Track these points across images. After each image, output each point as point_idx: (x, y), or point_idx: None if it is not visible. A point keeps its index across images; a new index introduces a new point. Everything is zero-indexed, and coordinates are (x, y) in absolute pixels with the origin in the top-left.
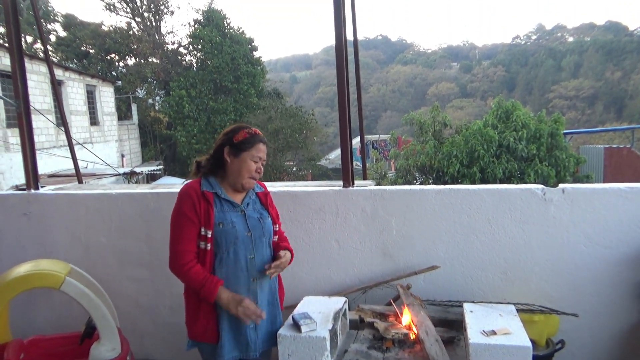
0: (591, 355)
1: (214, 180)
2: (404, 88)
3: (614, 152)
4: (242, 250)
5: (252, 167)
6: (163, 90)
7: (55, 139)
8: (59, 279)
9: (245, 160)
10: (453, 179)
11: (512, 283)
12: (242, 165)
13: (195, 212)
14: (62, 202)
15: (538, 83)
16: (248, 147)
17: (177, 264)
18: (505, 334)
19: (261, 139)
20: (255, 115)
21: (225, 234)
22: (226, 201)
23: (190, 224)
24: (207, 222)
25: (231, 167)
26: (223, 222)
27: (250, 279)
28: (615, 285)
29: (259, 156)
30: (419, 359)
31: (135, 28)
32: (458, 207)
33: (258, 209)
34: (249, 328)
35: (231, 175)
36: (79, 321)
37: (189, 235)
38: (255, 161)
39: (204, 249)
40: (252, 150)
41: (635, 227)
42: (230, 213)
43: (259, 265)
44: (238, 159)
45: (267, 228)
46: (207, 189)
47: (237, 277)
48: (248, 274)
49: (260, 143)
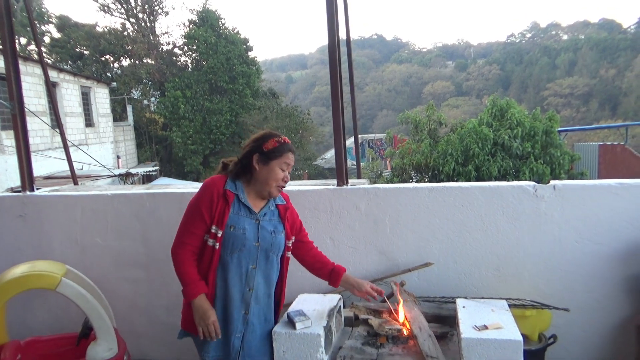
0: (583, 350)
1: (240, 183)
2: (399, 87)
3: (608, 149)
4: (246, 258)
5: (280, 176)
6: (158, 91)
7: (51, 140)
8: (55, 280)
9: (274, 168)
10: (449, 178)
11: (505, 279)
12: (271, 174)
13: (210, 210)
14: (57, 204)
15: (533, 81)
16: (277, 156)
17: (176, 252)
18: (497, 328)
19: (290, 147)
20: (251, 115)
21: (234, 238)
22: (244, 206)
23: (200, 221)
24: (220, 222)
25: (259, 175)
26: (235, 225)
27: (247, 289)
28: (606, 280)
29: (288, 164)
30: (413, 354)
31: (130, 29)
32: (451, 204)
33: (274, 222)
34: (235, 336)
35: (258, 183)
36: (76, 322)
37: (196, 230)
38: (283, 169)
39: (212, 246)
40: (281, 158)
41: (625, 222)
42: (245, 219)
43: (259, 277)
44: (267, 167)
45: (277, 243)
46: (231, 189)
47: (234, 282)
48: (246, 283)
49: (290, 152)
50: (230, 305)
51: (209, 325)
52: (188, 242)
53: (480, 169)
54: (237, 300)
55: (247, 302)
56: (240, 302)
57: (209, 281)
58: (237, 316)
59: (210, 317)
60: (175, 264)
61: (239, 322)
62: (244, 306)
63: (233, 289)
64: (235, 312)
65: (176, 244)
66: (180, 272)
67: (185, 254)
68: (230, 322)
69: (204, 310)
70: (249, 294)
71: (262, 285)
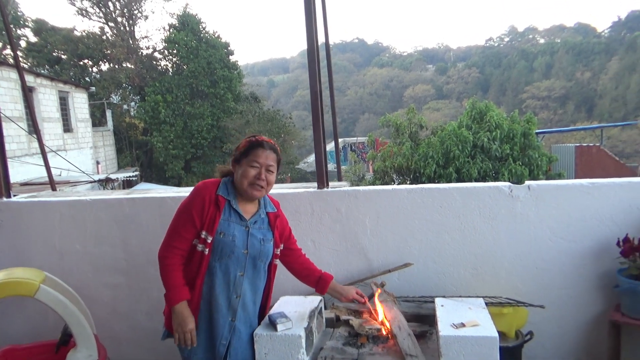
0: (559, 345)
1: (232, 187)
2: (380, 90)
3: (585, 150)
4: (234, 265)
5: (251, 174)
6: (138, 95)
7: (28, 146)
8: (34, 287)
9: (245, 167)
10: (430, 180)
11: (483, 278)
12: (242, 173)
13: (201, 215)
14: (35, 210)
15: (511, 84)
16: (246, 154)
17: (164, 255)
18: (474, 325)
19: (261, 144)
20: (233, 119)
21: (223, 244)
22: (235, 212)
23: (191, 225)
24: (211, 228)
25: (235, 176)
26: (225, 232)
27: (234, 295)
28: (580, 277)
29: (258, 162)
30: (392, 353)
31: (109, 33)
32: (430, 205)
33: (263, 230)
34: (220, 343)
35: (236, 184)
36: (54, 330)
37: (186, 234)
38: (254, 167)
39: (201, 251)
40: (249, 156)
41: (597, 221)
42: (235, 225)
43: (246, 284)
44: (239, 167)
45: (266, 251)
46: (223, 194)
47: (221, 289)
48: (233, 290)
49: (259, 148)
50: (215, 311)
51: (186, 333)
52: (177, 246)
53: (461, 171)
54: (224, 307)
55: (234, 309)
56: (227, 309)
57: (196, 286)
58: (223, 323)
59: (189, 324)
60: (161, 268)
61: (225, 329)
62: (230, 313)
63: (220, 295)
64: (221, 319)
65: (164, 247)
66: (165, 277)
67: (173, 258)
68: (216, 328)
69: (184, 317)
70: (237, 301)
71: (249, 293)
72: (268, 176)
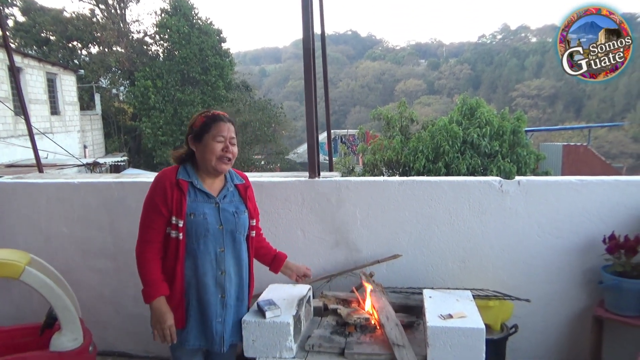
0: (543, 339)
1: (191, 168)
2: (372, 84)
3: (572, 149)
4: (212, 242)
5: (217, 148)
6: (128, 80)
7: (14, 128)
8: (19, 269)
9: (208, 142)
10: (419, 174)
11: (470, 271)
12: (206, 149)
13: (165, 202)
14: (21, 192)
15: (502, 82)
16: (207, 129)
17: (140, 251)
18: (461, 317)
19: (220, 117)
20: (224, 107)
21: (196, 225)
22: (201, 192)
23: (158, 215)
24: (179, 212)
25: (198, 155)
26: (195, 212)
27: (219, 272)
28: (566, 272)
29: (221, 135)
30: (380, 343)
31: (99, 15)
32: (420, 198)
33: (235, 202)
34: (216, 321)
35: (201, 163)
36: (39, 312)
37: (155, 225)
38: (219, 141)
39: (175, 237)
40: (211, 130)
41: (584, 218)
42: (204, 204)
43: (229, 259)
44: (201, 144)
45: (242, 222)
46: (183, 178)
47: (206, 269)
48: (217, 267)
49: (220, 122)
50: (204, 292)
51: (164, 330)
52: (150, 239)
53: (450, 166)
54: (212, 286)
55: (222, 285)
56: (215, 287)
57: (177, 273)
58: (214, 301)
59: (167, 320)
60: (138, 264)
61: (218, 307)
62: (219, 290)
63: (205, 275)
64: (211, 298)
65: (139, 243)
66: (142, 272)
67: (149, 252)
68: (208, 308)
69: (162, 314)
70: (222, 277)
71: (233, 267)
72: (232, 148)
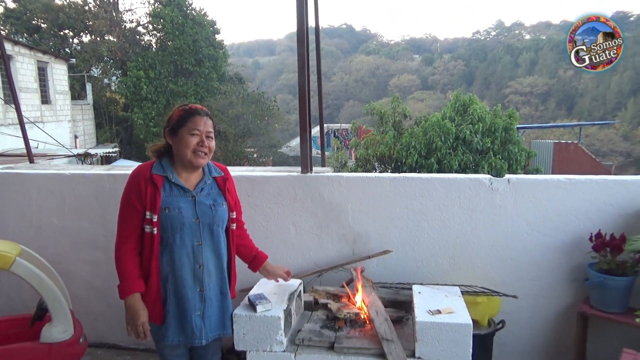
0: (530, 334)
1: (167, 162)
2: (366, 78)
3: (563, 147)
4: (189, 236)
5: (192, 141)
6: (120, 70)
7: (3, 117)
8: (9, 260)
9: (184, 136)
10: (411, 170)
11: (459, 267)
12: (181, 143)
13: (139, 198)
14: (11, 182)
15: (495, 78)
16: (183, 123)
17: (118, 247)
18: (449, 312)
19: (197, 111)
20: (216, 99)
21: (171, 219)
22: (176, 186)
23: (132, 211)
24: (153, 207)
25: (175, 148)
26: (169, 207)
27: (197, 266)
28: (553, 270)
29: (197, 129)
30: (369, 337)
31: (92, 4)
32: (411, 194)
33: (213, 195)
34: (195, 315)
35: (177, 156)
36: (29, 304)
37: (130, 221)
38: (195, 134)
39: (150, 232)
40: (187, 124)
41: (572, 216)
42: (179, 198)
43: (207, 252)
44: (177, 138)
45: (220, 215)
46: (158, 172)
47: (182, 262)
48: (194, 260)
49: (197, 116)
50: (182, 286)
51: (137, 327)
52: (127, 235)
53: (442, 162)
54: (189, 280)
55: (200, 278)
56: (193, 281)
57: (152, 268)
58: (192, 295)
59: (140, 317)
60: (116, 260)
61: (196, 300)
62: (197, 284)
63: (182, 269)
64: (189, 292)
65: (117, 240)
66: (118, 269)
67: (125, 248)
68: (186, 302)
69: (135, 310)
70: (200, 270)
71: (212, 260)
72: (209, 142)
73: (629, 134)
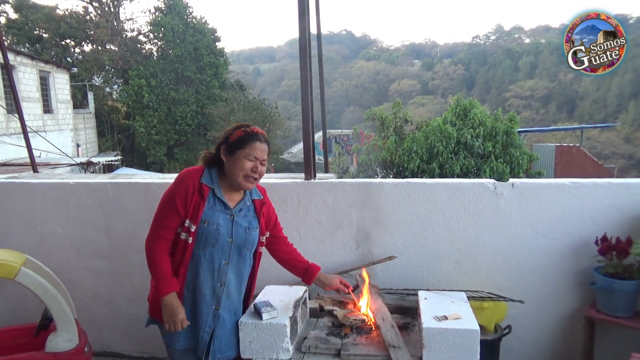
0: (535, 339)
1: (216, 174)
2: (367, 84)
3: (565, 150)
4: (219, 253)
5: (247, 166)
6: (121, 78)
7: (5, 126)
8: (14, 269)
9: (240, 159)
10: (413, 175)
11: (464, 272)
12: (236, 165)
13: (185, 203)
14: (16, 191)
15: (496, 82)
16: (242, 146)
17: (151, 246)
18: (456, 318)
19: (258, 137)
20: (218, 107)
21: (207, 233)
22: (220, 201)
23: (175, 214)
24: (194, 216)
25: (227, 166)
26: (209, 221)
27: (218, 284)
28: (558, 274)
29: (254, 155)
30: (376, 344)
31: (93, 13)
32: (415, 199)
33: (249, 218)
34: (204, 331)
35: (228, 174)
36: (34, 313)
37: (171, 224)
38: (251, 160)
39: (185, 240)
40: (246, 148)
41: (577, 219)
42: (220, 214)
43: (230, 273)
44: (232, 158)
45: (251, 239)
46: (207, 183)
47: (206, 277)
48: (217, 278)
49: (257, 142)
50: (199, 300)
51: (176, 323)
52: (162, 235)
53: (444, 167)
54: (208, 296)
55: (219, 297)
56: (211, 298)
57: (180, 274)
58: (206, 310)
59: (179, 314)
60: (149, 258)
61: (209, 317)
62: (214, 301)
63: (204, 284)
64: (204, 307)
65: (150, 237)
66: (153, 267)
67: (160, 248)
68: (199, 316)
69: (173, 308)
70: (221, 289)
71: (233, 281)
72: (261, 168)
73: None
